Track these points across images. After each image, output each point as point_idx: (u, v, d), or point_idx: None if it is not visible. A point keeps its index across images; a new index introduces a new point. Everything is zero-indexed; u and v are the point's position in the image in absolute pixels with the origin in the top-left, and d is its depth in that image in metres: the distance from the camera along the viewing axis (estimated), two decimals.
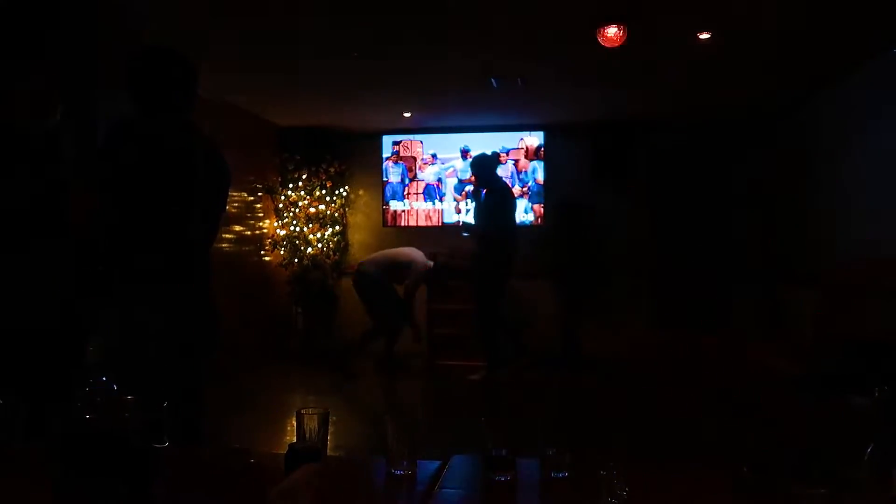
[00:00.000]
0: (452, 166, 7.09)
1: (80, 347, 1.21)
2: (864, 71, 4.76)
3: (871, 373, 3.49)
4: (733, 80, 5.25)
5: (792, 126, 6.13)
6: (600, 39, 3.90)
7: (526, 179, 6.99)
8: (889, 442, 1.17)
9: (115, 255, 1.97)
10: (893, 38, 4.23)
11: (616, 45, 3.90)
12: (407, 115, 6.50)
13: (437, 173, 7.11)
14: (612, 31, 3.82)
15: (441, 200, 7.12)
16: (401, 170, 7.16)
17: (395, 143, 7.16)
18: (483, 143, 6.90)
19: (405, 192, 7.15)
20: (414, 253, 6.12)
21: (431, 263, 6.10)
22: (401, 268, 5.95)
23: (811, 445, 2.73)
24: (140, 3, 3.64)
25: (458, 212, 7.04)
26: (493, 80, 5.12)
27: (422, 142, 7.11)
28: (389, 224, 7.23)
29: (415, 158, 7.15)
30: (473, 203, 6.15)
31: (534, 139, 6.94)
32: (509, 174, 6.93)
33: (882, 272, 4.27)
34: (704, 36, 4.17)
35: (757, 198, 6.45)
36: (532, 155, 6.96)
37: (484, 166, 5.91)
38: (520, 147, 7.00)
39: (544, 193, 6.93)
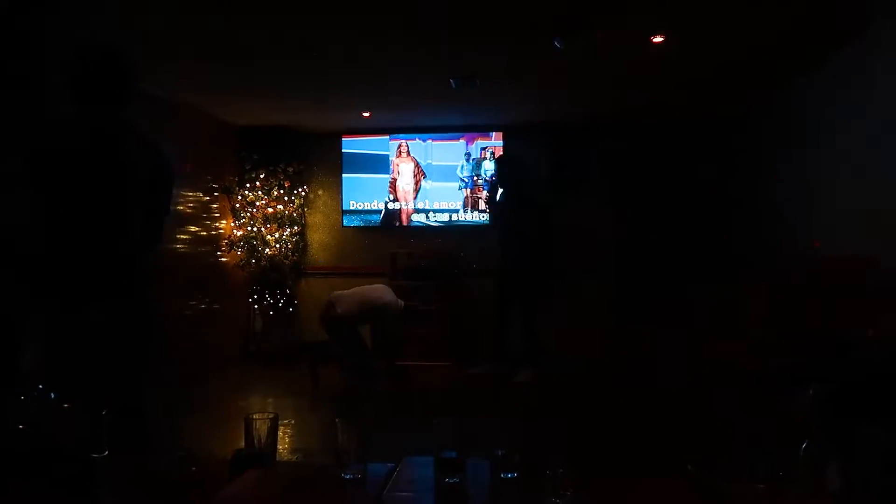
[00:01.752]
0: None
1: (12, 355, 1.18)
2: (816, 73, 4.89)
3: (822, 368, 3.58)
4: (688, 82, 5.36)
5: (745, 127, 6.28)
6: None
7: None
8: (823, 438, 1.21)
9: (46, 258, 1.91)
10: (845, 38, 4.37)
11: None
12: (366, 114, 6.47)
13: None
14: None
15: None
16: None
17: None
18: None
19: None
20: (387, 294, 5.92)
21: (402, 304, 5.98)
22: (376, 311, 5.82)
23: (755, 441, 2.81)
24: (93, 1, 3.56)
25: (418, 212, 7.05)
26: (451, 80, 5.13)
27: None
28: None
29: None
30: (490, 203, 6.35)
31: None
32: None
33: (834, 269, 4.40)
34: (658, 39, 4.25)
35: (714, 197, 6.58)
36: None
37: (509, 167, 6.10)
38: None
39: (501, 192, 6.94)
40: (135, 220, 1.99)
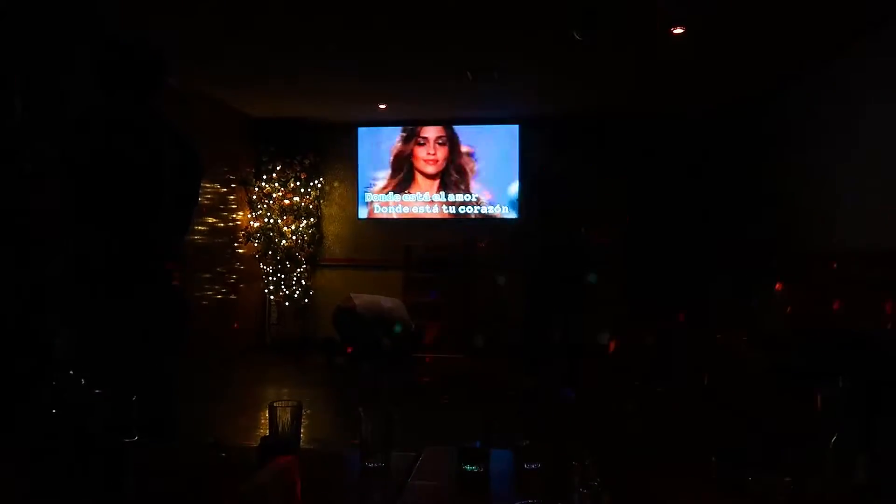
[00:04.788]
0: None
1: (45, 342, 1.19)
2: (840, 62, 4.81)
3: (838, 363, 3.55)
4: (707, 74, 5.30)
5: (765, 120, 6.20)
6: None
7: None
8: (853, 431, 1.20)
9: (78, 245, 1.93)
10: (862, 29, 4.31)
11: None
12: (382, 107, 6.47)
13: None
14: None
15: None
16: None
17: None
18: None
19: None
20: (402, 310, 6.29)
21: (413, 325, 6.31)
22: (389, 320, 6.09)
23: (778, 435, 2.79)
24: None
25: (430, 204, 7.06)
26: (468, 72, 5.11)
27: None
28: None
29: None
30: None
31: None
32: None
33: (852, 264, 4.35)
34: (678, 31, 4.21)
35: (731, 190, 6.52)
36: None
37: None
38: None
39: (518, 187, 6.94)
40: (165, 208, 2.01)
